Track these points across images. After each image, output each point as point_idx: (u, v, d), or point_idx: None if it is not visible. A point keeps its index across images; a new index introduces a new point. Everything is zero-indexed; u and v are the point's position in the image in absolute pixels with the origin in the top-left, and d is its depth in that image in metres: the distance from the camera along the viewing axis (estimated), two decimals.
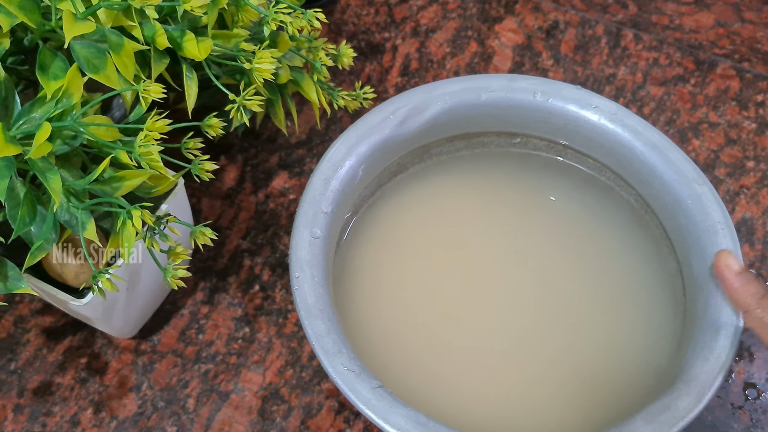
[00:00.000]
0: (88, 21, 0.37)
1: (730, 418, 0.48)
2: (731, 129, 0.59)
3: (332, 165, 0.45)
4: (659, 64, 0.61)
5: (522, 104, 0.48)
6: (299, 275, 0.42)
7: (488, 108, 0.48)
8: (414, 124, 0.47)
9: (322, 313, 0.41)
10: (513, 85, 0.48)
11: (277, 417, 0.48)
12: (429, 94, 0.47)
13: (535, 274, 0.48)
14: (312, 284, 0.42)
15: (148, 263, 0.45)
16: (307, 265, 0.42)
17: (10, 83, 0.37)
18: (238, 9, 0.43)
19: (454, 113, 0.48)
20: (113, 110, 0.48)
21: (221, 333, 0.51)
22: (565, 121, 0.48)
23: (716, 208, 0.43)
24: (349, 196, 0.46)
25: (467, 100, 0.48)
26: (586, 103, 0.47)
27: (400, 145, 0.48)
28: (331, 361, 0.39)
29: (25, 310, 0.52)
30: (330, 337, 0.40)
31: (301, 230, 0.43)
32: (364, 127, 0.46)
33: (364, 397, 0.38)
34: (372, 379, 0.39)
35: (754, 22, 0.64)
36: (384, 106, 0.47)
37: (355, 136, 0.46)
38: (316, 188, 0.45)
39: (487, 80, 0.48)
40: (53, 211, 0.38)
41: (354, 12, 0.65)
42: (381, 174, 0.49)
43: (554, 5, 0.65)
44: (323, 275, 0.42)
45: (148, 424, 0.48)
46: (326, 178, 0.45)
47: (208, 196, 0.56)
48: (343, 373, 0.39)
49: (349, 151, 0.46)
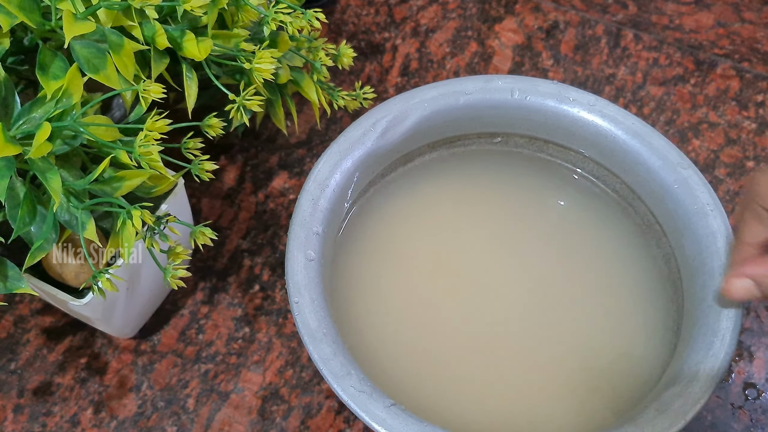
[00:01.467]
0: (88, 21, 0.37)
1: (730, 418, 0.48)
2: (731, 129, 0.59)
3: (318, 184, 0.45)
4: (659, 64, 0.61)
5: (500, 104, 0.48)
6: (298, 300, 0.41)
7: (468, 111, 0.48)
8: (395, 134, 0.47)
9: (326, 336, 0.40)
10: (489, 85, 0.48)
11: (277, 417, 0.48)
12: (407, 102, 0.47)
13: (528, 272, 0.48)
14: (312, 308, 0.41)
15: (148, 263, 0.45)
16: (305, 289, 0.42)
17: (10, 83, 0.37)
18: (238, 9, 0.43)
19: (435, 119, 0.48)
20: (113, 110, 0.48)
21: (221, 333, 0.51)
22: (544, 117, 0.48)
23: (704, 191, 0.44)
24: (338, 214, 0.46)
25: (446, 104, 0.48)
26: (563, 97, 0.47)
27: (383, 156, 0.48)
28: (341, 384, 0.39)
29: (25, 310, 0.52)
30: (337, 360, 0.39)
31: (294, 254, 0.43)
32: (347, 143, 0.46)
33: (379, 417, 0.38)
34: (384, 398, 0.39)
35: (754, 22, 0.64)
36: (363, 119, 0.47)
37: (338, 152, 0.46)
38: (305, 209, 0.44)
39: (463, 83, 0.48)
40: (53, 211, 0.38)
41: (354, 12, 0.65)
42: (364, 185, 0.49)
43: (554, 5, 0.65)
44: (322, 297, 0.42)
45: (148, 424, 0.48)
46: (314, 198, 0.44)
47: (208, 196, 0.56)
48: (354, 396, 0.38)
49: (334, 169, 0.45)
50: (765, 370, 0.50)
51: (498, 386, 0.44)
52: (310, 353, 0.40)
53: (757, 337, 0.51)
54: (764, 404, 0.49)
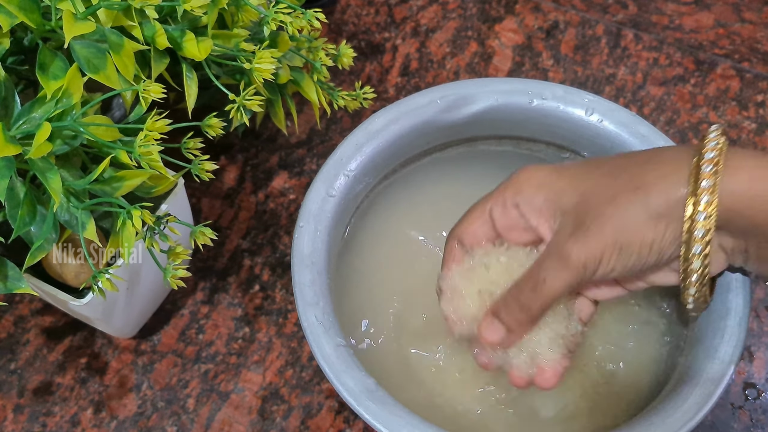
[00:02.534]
0: (88, 21, 0.37)
1: (730, 418, 0.48)
2: (731, 129, 0.59)
3: (368, 133, 0.45)
4: (659, 64, 0.61)
5: (575, 121, 0.47)
6: (303, 225, 0.42)
7: (536, 115, 0.47)
8: (459, 114, 0.47)
9: (314, 264, 0.41)
10: (568, 96, 0.47)
11: (277, 417, 0.48)
12: (480, 88, 0.47)
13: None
14: (313, 237, 0.42)
15: (148, 263, 0.45)
16: (315, 218, 0.43)
17: (10, 83, 0.37)
18: (238, 9, 0.43)
19: (503, 112, 0.47)
20: (113, 110, 0.48)
21: (221, 333, 0.51)
22: (611, 144, 0.46)
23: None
24: (378, 168, 0.46)
25: (517, 102, 0.47)
26: (635, 131, 0.46)
27: (441, 130, 0.48)
28: (306, 310, 0.40)
29: (25, 310, 0.52)
30: (312, 288, 0.41)
31: (317, 186, 0.44)
32: (410, 106, 0.46)
33: (325, 353, 0.39)
34: (338, 337, 0.40)
35: (754, 22, 0.64)
36: (431, 90, 0.47)
37: (397, 112, 0.46)
38: (345, 151, 0.45)
39: (540, 86, 0.47)
40: (53, 211, 0.38)
41: (354, 12, 0.65)
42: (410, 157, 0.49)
43: (554, 5, 0.65)
44: (327, 232, 0.43)
45: (148, 424, 0.48)
46: (359, 143, 0.45)
47: (208, 196, 0.56)
48: (313, 324, 0.40)
49: (389, 124, 0.46)
50: (765, 370, 0.50)
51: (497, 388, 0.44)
52: (292, 276, 0.41)
53: (757, 337, 0.51)
54: (764, 404, 0.49)
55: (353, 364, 0.39)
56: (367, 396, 0.38)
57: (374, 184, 0.48)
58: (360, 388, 0.38)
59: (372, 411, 0.38)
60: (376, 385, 0.38)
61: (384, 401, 0.38)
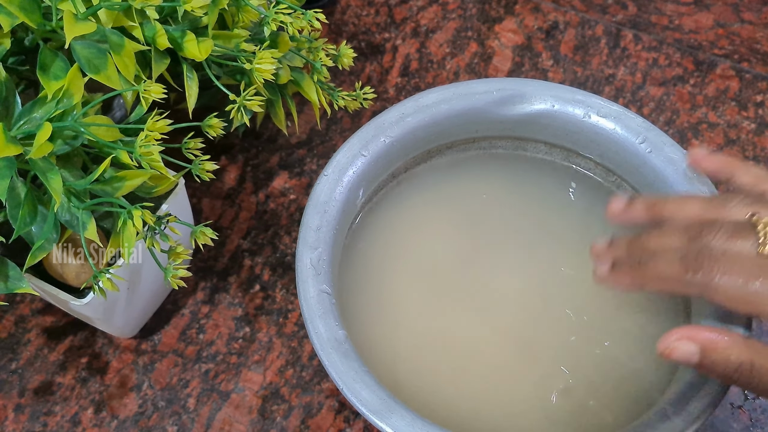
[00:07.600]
0: (89, 21, 0.37)
1: (730, 417, 0.48)
2: (731, 129, 0.59)
3: (417, 105, 0.45)
4: (659, 65, 0.62)
5: (626, 145, 0.46)
6: (328, 174, 0.43)
7: (589, 132, 0.46)
8: (514, 110, 0.46)
9: (326, 213, 0.42)
10: (623, 119, 0.46)
11: (277, 416, 0.49)
12: (539, 89, 0.46)
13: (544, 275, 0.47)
14: (333, 187, 0.43)
15: (149, 263, 0.45)
16: (341, 170, 0.43)
17: (10, 83, 0.37)
18: (238, 9, 0.43)
19: (558, 119, 0.47)
20: (114, 110, 0.48)
21: (222, 333, 0.51)
22: (657, 179, 0.46)
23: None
24: (418, 142, 0.46)
25: (573, 113, 0.46)
26: (680, 167, 0.45)
27: (492, 122, 0.47)
28: (303, 252, 0.41)
29: (26, 310, 0.52)
30: (317, 234, 0.41)
31: (353, 142, 0.44)
32: (466, 90, 0.46)
33: (308, 296, 0.39)
34: (325, 284, 0.40)
35: (754, 22, 0.64)
36: (490, 81, 0.46)
37: (451, 92, 0.46)
38: (389, 117, 0.45)
39: (597, 103, 0.46)
40: (54, 211, 0.38)
41: (354, 12, 0.65)
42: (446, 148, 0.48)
43: (554, 5, 0.65)
44: (348, 188, 0.43)
45: (149, 423, 0.48)
46: (405, 113, 0.45)
47: (209, 196, 0.56)
48: (305, 267, 0.40)
49: (440, 102, 0.46)
50: None
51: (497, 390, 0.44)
52: (303, 218, 0.42)
53: (756, 337, 0.51)
54: (764, 404, 0.49)
55: (330, 313, 0.39)
56: (333, 345, 0.38)
57: (411, 160, 0.47)
58: (329, 336, 0.38)
59: (332, 361, 0.38)
60: (345, 338, 0.39)
61: (347, 355, 0.38)
